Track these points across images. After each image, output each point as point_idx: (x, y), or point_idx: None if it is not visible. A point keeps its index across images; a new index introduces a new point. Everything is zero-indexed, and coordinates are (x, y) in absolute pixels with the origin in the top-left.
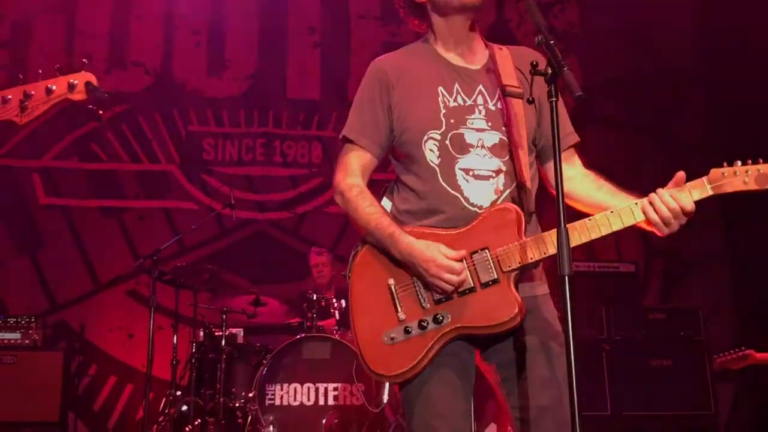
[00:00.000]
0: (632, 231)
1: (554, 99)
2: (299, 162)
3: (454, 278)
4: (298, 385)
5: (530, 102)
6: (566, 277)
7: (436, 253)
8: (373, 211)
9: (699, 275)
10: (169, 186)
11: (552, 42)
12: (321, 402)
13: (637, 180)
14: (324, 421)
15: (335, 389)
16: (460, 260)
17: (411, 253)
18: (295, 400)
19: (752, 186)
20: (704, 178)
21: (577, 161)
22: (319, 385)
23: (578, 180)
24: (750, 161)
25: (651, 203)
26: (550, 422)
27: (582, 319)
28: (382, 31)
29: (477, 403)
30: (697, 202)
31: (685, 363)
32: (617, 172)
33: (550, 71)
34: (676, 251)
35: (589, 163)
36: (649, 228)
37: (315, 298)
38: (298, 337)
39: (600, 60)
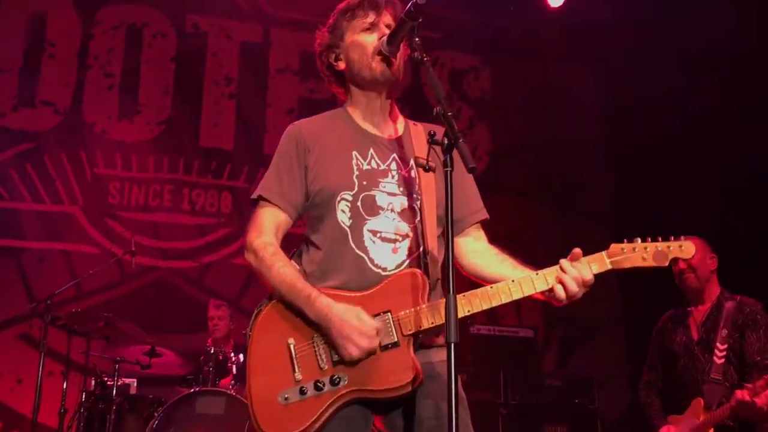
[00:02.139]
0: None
1: (449, 169)
2: (207, 211)
3: (365, 342)
4: None
5: (427, 170)
6: (452, 344)
7: (352, 316)
8: (288, 272)
9: (596, 342)
10: (70, 228)
11: (449, 114)
12: None
13: (543, 246)
14: None
15: None
16: (374, 332)
17: (328, 314)
18: None
19: (651, 263)
20: (604, 253)
21: (483, 237)
22: None
23: (483, 254)
24: (649, 238)
25: (563, 270)
26: None
27: (480, 383)
28: (300, 86)
29: None
30: (596, 274)
31: (579, 430)
32: (523, 238)
33: (446, 142)
34: (575, 318)
35: (497, 229)
36: (545, 298)
37: (213, 351)
38: (192, 390)
39: (510, 126)
